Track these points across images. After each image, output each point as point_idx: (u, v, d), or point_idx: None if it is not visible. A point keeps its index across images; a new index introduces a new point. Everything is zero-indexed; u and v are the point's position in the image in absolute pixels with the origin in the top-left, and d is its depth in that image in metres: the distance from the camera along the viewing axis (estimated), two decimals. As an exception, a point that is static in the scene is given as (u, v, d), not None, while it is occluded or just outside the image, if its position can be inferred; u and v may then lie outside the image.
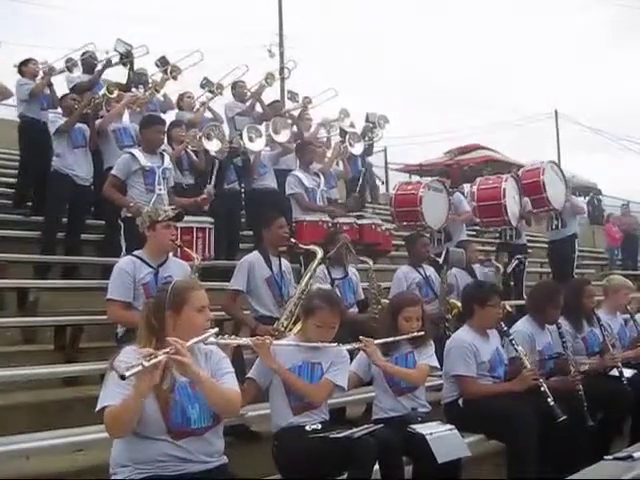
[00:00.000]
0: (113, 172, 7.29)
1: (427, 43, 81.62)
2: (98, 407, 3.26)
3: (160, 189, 7.21)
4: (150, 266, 5.47)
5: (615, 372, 6.28)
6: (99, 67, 9.99)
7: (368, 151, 12.59)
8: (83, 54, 10.17)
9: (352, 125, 11.95)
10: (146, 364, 3.07)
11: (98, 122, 8.97)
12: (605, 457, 5.17)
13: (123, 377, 3.01)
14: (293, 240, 6.98)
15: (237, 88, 11.35)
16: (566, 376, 5.78)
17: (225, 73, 11.51)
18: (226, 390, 3.50)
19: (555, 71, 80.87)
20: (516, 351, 5.51)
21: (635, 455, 5.05)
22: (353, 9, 68.09)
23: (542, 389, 5.26)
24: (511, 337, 5.61)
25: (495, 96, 71.79)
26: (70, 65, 10.18)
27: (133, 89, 9.96)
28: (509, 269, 9.85)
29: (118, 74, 10.39)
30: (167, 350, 3.19)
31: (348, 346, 4.85)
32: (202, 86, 11.49)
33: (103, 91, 9.32)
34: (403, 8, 74.58)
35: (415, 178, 17.62)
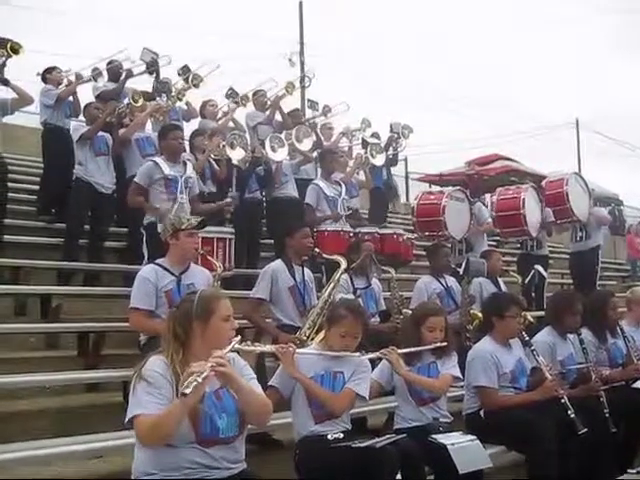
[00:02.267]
0: (136, 179, 7.33)
1: (444, 53, 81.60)
2: (129, 416, 3.28)
3: (182, 197, 7.22)
4: (172, 274, 5.49)
5: (638, 384, 6.24)
6: (123, 76, 10.04)
7: (392, 161, 12.56)
8: (109, 62, 10.23)
9: (376, 135, 11.92)
10: (200, 379, 3.11)
11: (121, 131, 9.04)
12: (628, 471, 5.16)
13: (185, 394, 3.06)
14: (317, 250, 6.99)
15: (258, 97, 11.38)
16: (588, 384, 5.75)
17: (253, 86, 11.55)
18: (263, 397, 3.59)
19: (575, 80, 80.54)
20: (537, 362, 5.49)
21: (658, 469, 5.04)
22: (372, 19, 68.10)
23: (562, 401, 5.23)
24: (532, 347, 5.59)
25: (515, 104, 71.45)
26: (95, 75, 10.24)
27: (157, 98, 10.00)
28: (527, 279, 9.82)
29: (144, 82, 10.46)
30: (212, 363, 3.22)
31: (371, 355, 4.86)
32: (227, 96, 11.52)
33: (128, 100, 9.40)
34: (421, 18, 74.49)
35: (435, 188, 17.57)
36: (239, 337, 3.60)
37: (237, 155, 9.08)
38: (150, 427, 3.22)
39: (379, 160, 10.59)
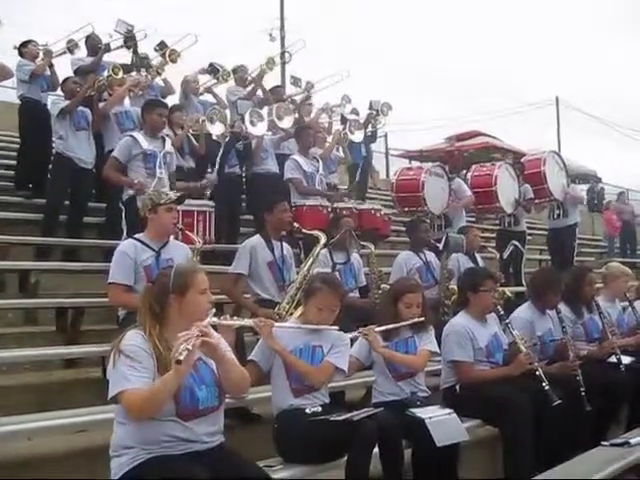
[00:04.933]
0: (114, 154, 7.29)
1: (428, 30, 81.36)
2: (115, 391, 3.30)
3: (161, 173, 7.19)
4: (151, 249, 5.46)
5: (613, 359, 6.33)
6: (101, 51, 9.96)
7: (371, 138, 12.57)
8: (87, 37, 10.13)
9: (355, 111, 11.92)
10: (190, 347, 3.17)
11: (101, 105, 8.98)
12: (602, 443, 5.24)
13: (179, 362, 3.12)
14: (296, 225, 7.00)
15: (238, 73, 11.32)
16: (565, 361, 5.82)
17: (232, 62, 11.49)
18: (241, 369, 3.68)
19: (558, 58, 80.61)
20: (512, 335, 5.54)
21: (632, 441, 5.13)
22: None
23: (537, 373, 5.29)
24: (507, 321, 5.64)
25: (496, 82, 71.53)
26: (71, 46, 10.15)
27: (134, 73, 9.93)
28: (505, 255, 9.91)
29: (122, 57, 10.39)
30: (198, 333, 3.26)
31: (349, 334, 4.87)
32: (208, 72, 11.46)
33: (107, 72, 9.33)
34: (404, -3, 74.08)
35: (415, 164, 17.61)
36: (214, 309, 3.63)
37: (217, 130, 9.05)
38: (143, 400, 3.25)
39: (357, 136, 10.59)
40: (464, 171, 10.81)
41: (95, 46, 10.07)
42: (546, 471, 4.62)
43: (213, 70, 11.44)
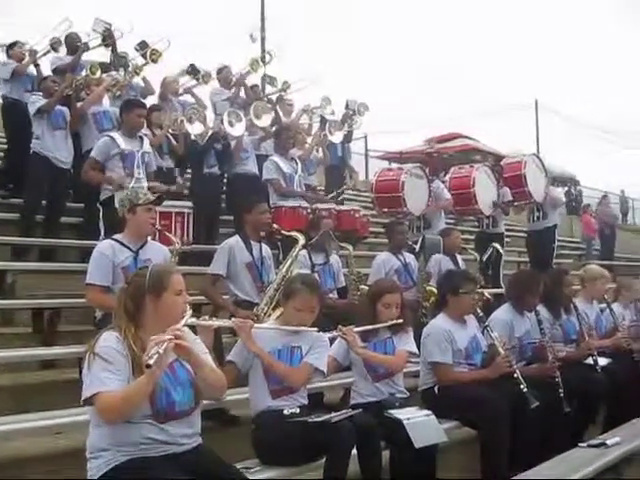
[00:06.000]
0: (92, 154, 7.26)
1: (409, 32, 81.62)
2: (88, 394, 3.26)
3: (139, 173, 7.17)
4: (129, 249, 5.44)
5: (590, 361, 6.37)
6: (80, 50, 9.89)
7: (347, 138, 12.57)
8: (67, 37, 10.06)
9: (334, 113, 11.91)
10: (161, 351, 3.14)
11: (79, 105, 8.91)
12: (579, 444, 5.27)
13: (149, 366, 3.09)
14: (275, 226, 6.99)
15: (223, 73, 11.30)
16: (544, 363, 5.85)
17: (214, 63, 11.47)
18: (218, 371, 3.63)
19: (538, 61, 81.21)
20: (491, 337, 5.55)
21: (608, 442, 5.17)
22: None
23: (515, 376, 5.31)
24: (486, 324, 5.66)
25: (477, 85, 71.90)
26: (55, 45, 10.05)
27: (113, 72, 9.88)
28: (485, 257, 9.94)
29: (101, 56, 10.33)
30: (170, 336, 3.24)
31: (328, 334, 4.87)
32: (189, 73, 11.42)
33: (85, 72, 9.26)
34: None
35: (395, 166, 17.64)
36: (191, 311, 3.62)
37: (196, 129, 9.03)
38: (117, 403, 3.22)
39: (337, 137, 10.60)
40: (443, 173, 10.82)
41: (74, 45, 9.98)
42: (524, 472, 4.64)
43: (194, 71, 11.39)
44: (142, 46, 10.62)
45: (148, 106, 9.21)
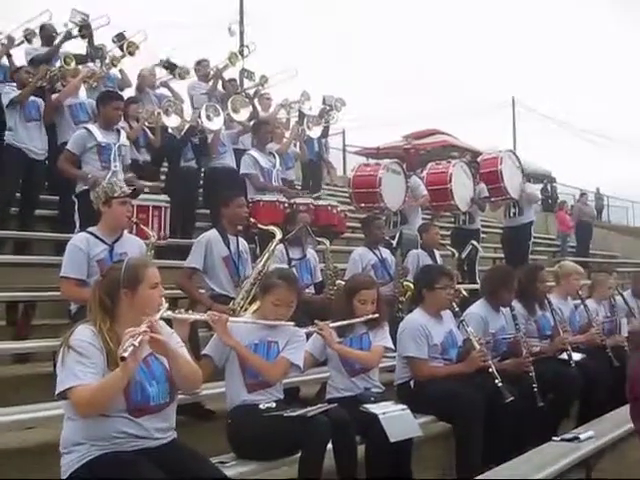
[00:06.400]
0: (68, 147, 7.20)
1: (387, 29, 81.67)
2: (63, 387, 3.24)
3: (116, 166, 7.12)
4: (105, 242, 5.40)
5: (564, 356, 6.42)
6: (57, 40, 9.80)
7: (324, 133, 12.57)
8: (42, 27, 9.96)
9: (311, 109, 11.90)
10: (136, 343, 3.12)
11: (54, 96, 8.82)
12: (553, 438, 5.32)
13: (123, 358, 3.07)
14: (252, 220, 6.97)
15: (201, 67, 11.25)
16: (518, 358, 5.88)
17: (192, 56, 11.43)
18: (193, 364, 3.63)
19: (515, 59, 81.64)
20: (466, 332, 5.58)
21: (581, 436, 5.22)
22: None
23: (490, 370, 5.34)
24: (462, 319, 5.69)
25: (454, 82, 72.15)
26: (29, 36, 9.94)
27: (90, 63, 9.80)
28: (464, 254, 9.98)
29: (77, 48, 10.24)
30: (145, 329, 3.22)
31: (304, 330, 4.87)
32: (165, 67, 11.37)
33: (60, 63, 9.17)
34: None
35: (372, 161, 17.63)
36: (167, 304, 3.61)
37: (173, 122, 8.99)
38: (91, 397, 3.20)
39: (315, 132, 10.59)
40: (420, 169, 10.85)
41: (50, 36, 9.90)
42: (498, 466, 4.67)
43: (170, 66, 11.34)
44: (119, 38, 10.56)
45: (125, 98, 9.17)
